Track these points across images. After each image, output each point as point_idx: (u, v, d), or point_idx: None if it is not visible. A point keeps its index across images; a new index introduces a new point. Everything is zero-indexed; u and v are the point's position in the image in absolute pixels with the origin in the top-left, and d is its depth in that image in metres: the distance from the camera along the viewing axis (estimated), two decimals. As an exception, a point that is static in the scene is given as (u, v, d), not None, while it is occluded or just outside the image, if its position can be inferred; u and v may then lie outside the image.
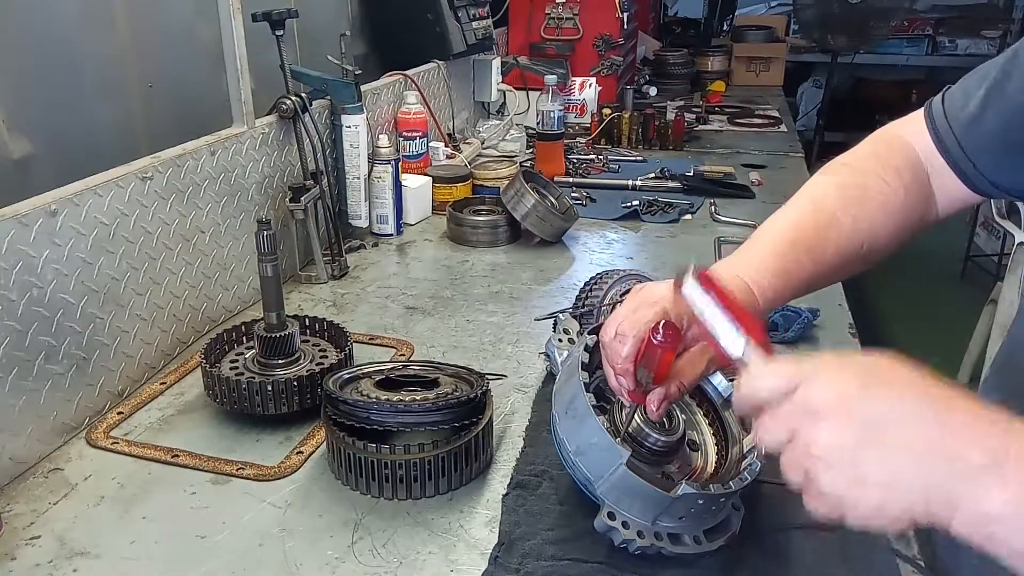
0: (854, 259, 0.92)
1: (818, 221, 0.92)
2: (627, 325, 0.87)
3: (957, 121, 0.90)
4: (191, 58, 1.74)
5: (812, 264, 0.90)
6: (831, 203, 0.92)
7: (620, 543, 0.92)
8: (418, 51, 2.47)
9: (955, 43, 6.62)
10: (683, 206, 2.22)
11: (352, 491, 1.08)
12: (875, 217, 0.91)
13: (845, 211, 0.91)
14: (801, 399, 0.58)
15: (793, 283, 0.90)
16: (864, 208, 0.91)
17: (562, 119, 2.46)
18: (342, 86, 1.84)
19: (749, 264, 0.91)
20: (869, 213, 0.91)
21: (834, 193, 0.94)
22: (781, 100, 3.96)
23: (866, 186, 0.93)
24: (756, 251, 0.93)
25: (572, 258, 1.93)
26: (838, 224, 0.91)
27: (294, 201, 1.70)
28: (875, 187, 0.92)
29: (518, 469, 1.12)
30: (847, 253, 0.92)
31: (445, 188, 2.20)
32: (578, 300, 1.45)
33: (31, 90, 1.39)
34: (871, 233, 0.92)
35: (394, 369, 1.22)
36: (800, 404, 0.58)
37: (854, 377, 0.57)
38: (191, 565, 0.96)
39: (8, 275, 1.08)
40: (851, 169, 0.96)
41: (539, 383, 1.35)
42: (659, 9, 5.17)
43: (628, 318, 0.88)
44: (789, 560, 0.97)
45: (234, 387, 1.19)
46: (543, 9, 3.22)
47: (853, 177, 0.94)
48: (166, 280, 1.40)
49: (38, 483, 1.10)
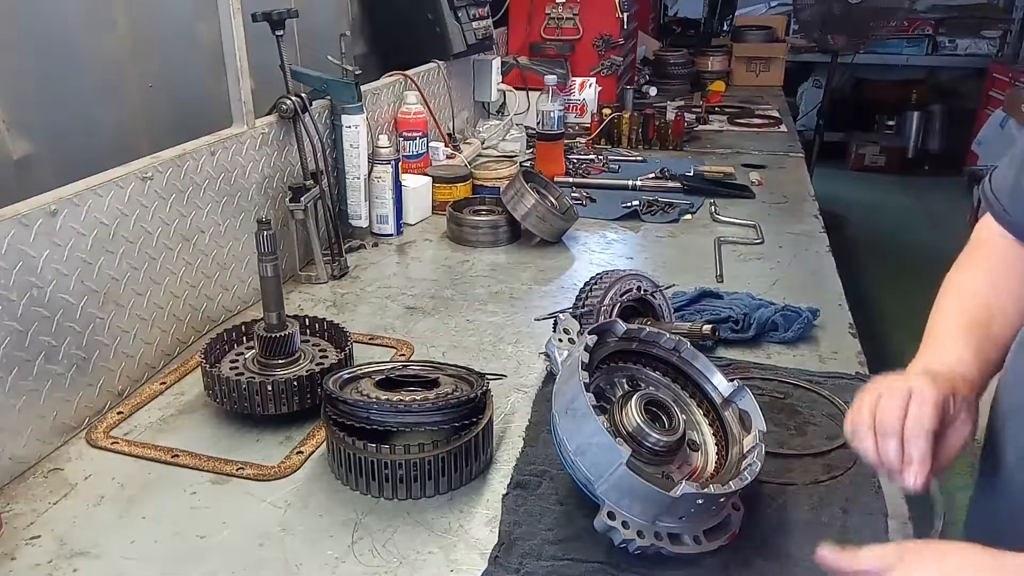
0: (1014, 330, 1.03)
1: (980, 311, 1.03)
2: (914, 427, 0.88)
3: (1002, 193, 1.05)
4: (191, 58, 1.74)
5: (991, 344, 1.01)
6: (980, 292, 1.05)
7: (620, 543, 0.92)
8: (418, 51, 2.47)
9: (955, 43, 6.63)
10: (683, 206, 2.22)
11: (352, 491, 1.08)
12: (1015, 290, 1.04)
13: (994, 296, 1.04)
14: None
15: (985, 366, 1.00)
16: (1005, 285, 1.05)
17: (562, 119, 2.46)
18: (342, 86, 1.84)
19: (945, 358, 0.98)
20: (1010, 288, 1.04)
21: (977, 282, 1.07)
22: (781, 100, 3.96)
23: (994, 268, 1.06)
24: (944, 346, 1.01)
25: (572, 258, 1.93)
26: (992, 308, 1.04)
27: (294, 201, 1.70)
28: (1000, 267, 1.06)
29: (518, 469, 1.12)
30: (1011, 326, 1.03)
31: (445, 188, 2.20)
32: (578, 300, 1.45)
33: (31, 90, 1.39)
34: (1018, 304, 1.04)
35: (394, 369, 1.22)
36: None
37: None
38: (191, 565, 0.96)
39: (8, 275, 1.08)
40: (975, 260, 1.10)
41: (539, 383, 1.35)
42: (659, 9, 5.17)
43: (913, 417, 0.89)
44: (789, 560, 0.97)
45: (234, 387, 1.19)
46: (543, 9, 3.22)
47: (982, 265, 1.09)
48: (166, 280, 1.40)
49: (38, 483, 1.10)
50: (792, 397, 1.30)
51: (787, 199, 2.35)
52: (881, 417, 0.88)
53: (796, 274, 1.81)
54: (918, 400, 0.87)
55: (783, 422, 1.24)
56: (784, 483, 1.09)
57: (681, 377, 1.13)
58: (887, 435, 0.87)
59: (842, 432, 1.20)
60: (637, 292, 1.42)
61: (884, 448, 0.87)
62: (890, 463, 0.87)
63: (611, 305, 1.39)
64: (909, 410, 0.87)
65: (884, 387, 0.91)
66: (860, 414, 0.91)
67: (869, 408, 0.90)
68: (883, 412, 0.88)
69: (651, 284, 1.45)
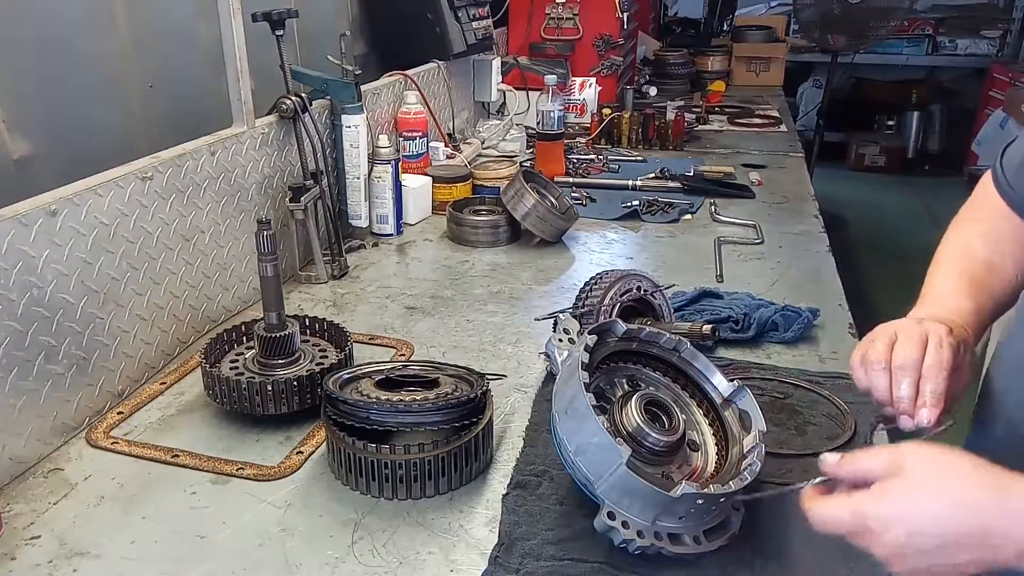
0: (1013, 290, 1.06)
1: (979, 265, 1.05)
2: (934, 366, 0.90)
3: (1010, 169, 1.06)
4: (191, 58, 1.74)
5: (992, 302, 1.03)
6: (981, 251, 1.07)
7: (620, 543, 0.92)
8: (418, 51, 2.47)
9: (955, 43, 6.63)
10: (683, 206, 2.22)
11: (352, 491, 1.08)
12: (1015, 253, 1.06)
13: (994, 254, 1.06)
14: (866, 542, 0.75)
15: (983, 318, 1.01)
16: (1006, 248, 1.06)
17: (562, 119, 2.46)
18: (342, 86, 1.84)
19: (946, 308, 1.00)
20: (1010, 251, 1.06)
21: (978, 242, 1.08)
22: (781, 100, 3.96)
23: (997, 231, 1.08)
24: (944, 297, 1.02)
25: (572, 258, 1.93)
26: (994, 265, 1.05)
27: (294, 201, 1.70)
28: (1003, 230, 1.07)
29: (518, 469, 1.12)
30: (1008, 288, 1.05)
31: (445, 188, 2.20)
32: (578, 300, 1.45)
33: (31, 90, 1.39)
34: (1017, 269, 1.06)
35: (394, 369, 1.22)
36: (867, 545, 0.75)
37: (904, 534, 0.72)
38: (191, 565, 0.96)
39: (8, 275, 1.08)
40: (977, 221, 1.11)
41: (539, 383, 1.35)
42: (659, 9, 5.16)
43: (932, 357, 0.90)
44: (789, 560, 0.97)
45: (234, 387, 1.19)
46: (543, 9, 3.22)
47: (982, 226, 1.10)
48: (166, 280, 1.40)
49: (38, 483, 1.10)
50: (792, 397, 1.31)
51: (787, 199, 2.35)
52: (898, 354, 0.89)
53: (796, 274, 1.81)
54: (936, 341, 0.89)
55: (783, 422, 1.24)
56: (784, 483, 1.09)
57: (681, 377, 1.13)
58: (904, 371, 0.88)
59: (843, 431, 1.20)
60: (637, 292, 1.42)
61: (899, 383, 0.88)
62: (902, 399, 0.88)
63: (611, 305, 1.39)
64: (928, 350, 0.88)
65: (899, 328, 0.91)
66: (874, 349, 0.91)
67: (885, 345, 0.90)
68: (901, 349, 0.89)
69: (651, 284, 1.45)
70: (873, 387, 0.91)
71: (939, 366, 0.87)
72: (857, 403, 1.26)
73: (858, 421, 1.23)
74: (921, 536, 0.72)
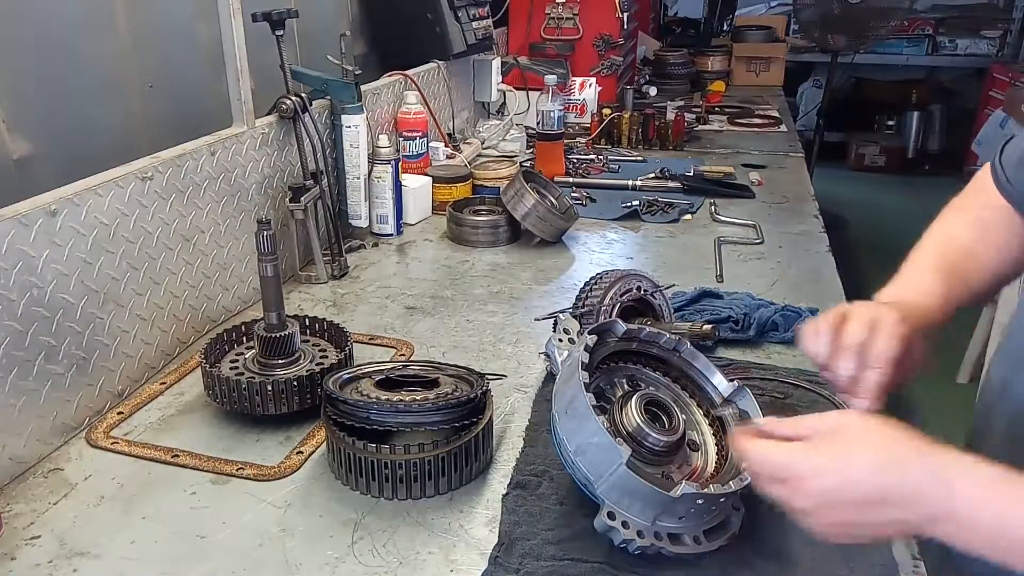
0: (992, 280, 1.07)
1: (959, 252, 1.07)
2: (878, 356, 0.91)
3: (1009, 165, 1.06)
4: (191, 58, 1.74)
5: (965, 287, 1.04)
6: (964, 236, 1.08)
7: (620, 543, 0.92)
8: (418, 51, 2.47)
9: (955, 43, 6.62)
10: (683, 206, 2.22)
11: (352, 491, 1.08)
12: (1001, 244, 1.07)
13: (977, 242, 1.07)
14: (792, 494, 0.77)
15: (952, 304, 1.02)
16: (992, 238, 1.07)
17: (562, 119, 2.46)
18: (342, 86, 1.84)
19: (917, 290, 1.02)
20: (996, 242, 1.07)
21: (964, 230, 1.09)
22: (781, 100, 3.96)
23: (986, 220, 1.08)
24: (916, 279, 1.04)
25: (572, 258, 1.93)
26: (974, 253, 1.06)
27: (294, 201, 1.70)
28: (993, 220, 1.08)
29: (518, 469, 1.12)
30: (986, 278, 1.06)
31: (445, 188, 2.20)
32: (578, 300, 1.45)
33: (31, 90, 1.39)
34: (1000, 258, 1.07)
35: (394, 369, 1.22)
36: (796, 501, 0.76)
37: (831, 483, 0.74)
38: (191, 565, 0.96)
39: (8, 275, 1.08)
40: (967, 209, 1.12)
41: (539, 383, 1.35)
42: (659, 9, 5.16)
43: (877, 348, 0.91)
44: (789, 560, 0.97)
45: (234, 387, 1.19)
46: (543, 9, 3.22)
47: (972, 215, 1.10)
48: (166, 280, 1.40)
49: (38, 483, 1.10)
50: (792, 397, 1.30)
51: (787, 199, 2.35)
52: (848, 332, 0.91)
53: (796, 274, 1.81)
54: (887, 331, 0.90)
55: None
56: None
57: (681, 377, 1.13)
58: (848, 354, 0.90)
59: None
60: (637, 292, 1.42)
61: (841, 364, 0.90)
62: (842, 376, 0.90)
63: (611, 305, 1.39)
64: (876, 339, 0.90)
65: (855, 310, 0.93)
66: (826, 323, 0.93)
67: (834, 323, 0.92)
68: (849, 332, 0.91)
69: (651, 284, 1.45)
70: (818, 354, 0.93)
71: (883, 356, 0.89)
72: (857, 403, 1.26)
73: (858, 421, 1.23)
74: (851, 486, 0.73)
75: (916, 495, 0.72)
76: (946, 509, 0.71)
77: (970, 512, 0.71)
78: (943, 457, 0.73)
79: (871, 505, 0.73)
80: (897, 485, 0.72)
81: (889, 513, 0.73)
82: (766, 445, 0.80)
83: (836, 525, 0.76)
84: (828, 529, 0.76)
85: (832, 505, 0.74)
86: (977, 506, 0.71)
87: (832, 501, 0.74)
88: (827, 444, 0.77)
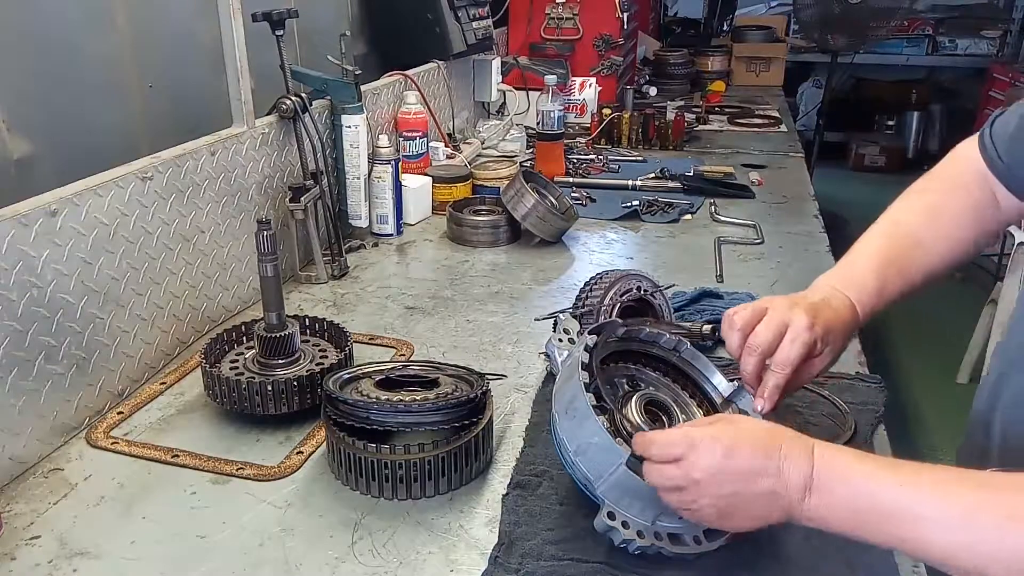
0: (939, 268, 1.08)
1: (904, 240, 1.07)
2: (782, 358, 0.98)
3: (1000, 139, 1.05)
4: (191, 58, 1.74)
5: (902, 279, 1.05)
6: (913, 223, 1.09)
7: (620, 543, 0.92)
8: (418, 51, 2.47)
9: (955, 43, 6.62)
10: (683, 206, 2.22)
11: (352, 491, 1.08)
12: (951, 232, 1.07)
13: (926, 229, 1.07)
14: (688, 469, 0.82)
15: (886, 297, 1.05)
16: (941, 224, 1.08)
17: (562, 119, 2.46)
18: (342, 86, 1.84)
19: (851, 281, 1.05)
20: (946, 229, 1.07)
21: (914, 215, 1.10)
22: (781, 100, 3.96)
23: (941, 204, 1.09)
24: (854, 269, 1.07)
25: (572, 258, 1.93)
26: (921, 241, 1.07)
27: (294, 201, 1.70)
28: (948, 204, 1.08)
29: (518, 469, 1.12)
30: (931, 265, 1.07)
31: (445, 188, 2.20)
32: (578, 300, 1.45)
33: (31, 90, 1.39)
34: (949, 246, 1.08)
35: (394, 369, 1.22)
36: (687, 472, 0.82)
37: (721, 452, 0.81)
38: (191, 565, 0.96)
39: (8, 275, 1.08)
40: (926, 191, 1.12)
41: (539, 383, 1.35)
42: (659, 9, 5.16)
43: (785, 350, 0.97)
44: (789, 560, 0.97)
45: (234, 387, 1.19)
46: (543, 9, 3.22)
47: (929, 198, 1.11)
48: (166, 280, 1.40)
49: (38, 483, 1.10)
50: (792, 397, 1.30)
51: (787, 199, 2.35)
52: (757, 332, 0.97)
53: (796, 274, 1.81)
54: (791, 335, 0.96)
55: (783, 422, 1.23)
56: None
57: (681, 377, 1.13)
58: (753, 352, 0.97)
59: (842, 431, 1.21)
60: (637, 292, 1.42)
61: (746, 362, 0.98)
62: (745, 372, 0.98)
63: (611, 305, 1.39)
64: (782, 342, 0.96)
65: (772, 308, 0.98)
66: (741, 314, 0.99)
67: (752, 316, 0.98)
68: (759, 333, 0.97)
69: (651, 284, 1.45)
70: (729, 346, 1.00)
71: (786, 362, 0.95)
72: (857, 403, 1.27)
73: (858, 421, 1.23)
74: (735, 458, 0.80)
75: (788, 463, 0.78)
76: (810, 475, 0.77)
77: (830, 480, 0.77)
78: (817, 440, 0.81)
79: (752, 475, 0.79)
80: (775, 456, 0.79)
81: (765, 483, 0.79)
82: (665, 430, 0.90)
83: (722, 498, 0.81)
84: (714, 504, 0.82)
85: (720, 473, 0.80)
86: (837, 475, 0.77)
87: (721, 469, 0.80)
88: (720, 424, 0.85)
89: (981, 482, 0.74)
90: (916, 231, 1.08)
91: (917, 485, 0.74)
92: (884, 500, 0.74)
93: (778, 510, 0.80)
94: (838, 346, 1.01)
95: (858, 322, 1.03)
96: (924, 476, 0.75)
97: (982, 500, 0.71)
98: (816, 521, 0.78)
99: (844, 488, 0.77)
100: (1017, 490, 0.71)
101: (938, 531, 0.71)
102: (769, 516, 0.81)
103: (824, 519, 0.78)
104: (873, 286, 1.04)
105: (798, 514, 0.79)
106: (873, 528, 0.75)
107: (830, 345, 0.99)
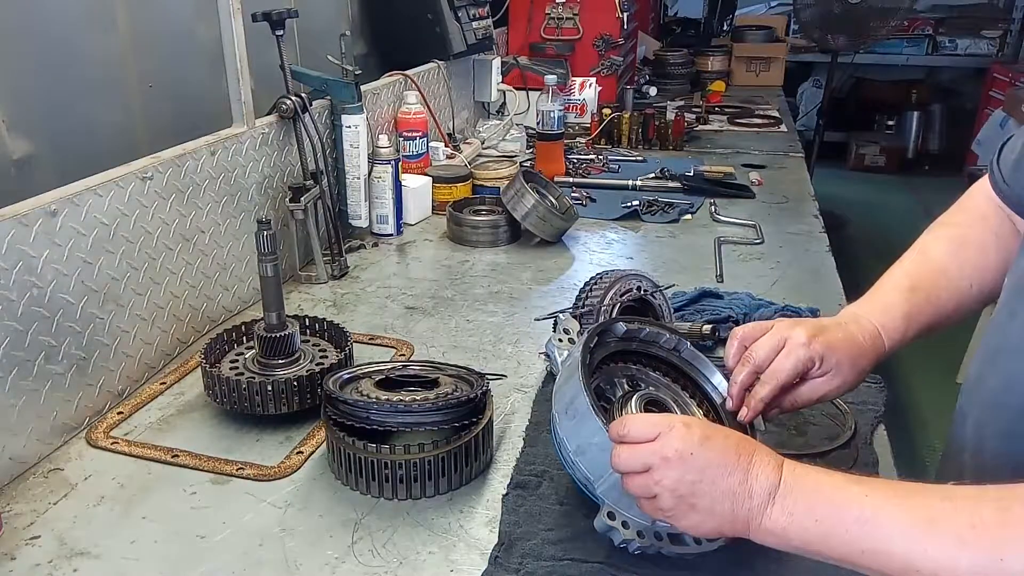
0: (967, 299, 1.08)
1: (932, 270, 1.09)
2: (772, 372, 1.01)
3: (1006, 165, 1.05)
4: (191, 58, 1.74)
5: (931, 308, 1.06)
6: (940, 254, 1.10)
7: (620, 543, 0.92)
8: (418, 51, 2.47)
9: (955, 43, 6.62)
10: (683, 206, 2.22)
11: (352, 491, 1.08)
12: (977, 260, 1.08)
13: (952, 258, 1.09)
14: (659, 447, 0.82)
15: (916, 324, 1.05)
16: (967, 255, 1.09)
17: (562, 119, 2.46)
18: (342, 86, 1.84)
19: (876, 307, 1.06)
20: (971, 259, 1.09)
21: (940, 246, 1.11)
22: (781, 100, 3.96)
23: (965, 235, 1.11)
24: (882, 298, 1.08)
25: (572, 258, 1.93)
26: (946, 270, 1.08)
27: (294, 201, 1.70)
28: (972, 235, 1.10)
29: (518, 469, 1.12)
30: (961, 293, 1.08)
31: (445, 188, 2.20)
32: (578, 300, 1.45)
33: (31, 90, 1.39)
34: (975, 276, 1.08)
35: (394, 369, 1.22)
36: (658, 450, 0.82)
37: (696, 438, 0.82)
38: (191, 565, 0.96)
39: (8, 275, 1.08)
40: (950, 224, 1.14)
41: (539, 383, 1.35)
42: (659, 9, 5.16)
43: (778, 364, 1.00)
44: (789, 560, 0.96)
45: (234, 387, 1.19)
46: (543, 9, 3.22)
47: (952, 231, 1.13)
48: (166, 280, 1.40)
49: (38, 483, 1.10)
50: (792, 397, 1.30)
51: (787, 199, 2.35)
52: (756, 346, 1.01)
53: (796, 274, 1.81)
54: (787, 349, 0.99)
55: (783, 422, 1.23)
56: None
57: (681, 377, 1.13)
58: (746, 363, 1.01)
59: (843, 431, 1.21)
60: (637, 292, 1.42)
61: (737, 371, 1.01)
62: (734, 383, 1.02)
63: (611, 305, 1.39)
64: (776, 358, 0.99)
65: (777, 325, 1.02)
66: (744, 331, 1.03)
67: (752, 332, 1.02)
68: (755, 348, 1.01)
69: (651, 284, 1.45)
70: (727, 358, 1.04)
71: (773, 377, 0.98)
72: (857, 403, 1.26)
73: (858, 421, 1.23)
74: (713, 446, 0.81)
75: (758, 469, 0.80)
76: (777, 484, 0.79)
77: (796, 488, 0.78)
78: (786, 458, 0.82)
79: (721, 468, 0.81)
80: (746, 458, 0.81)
81: (731, 480, 0.80)
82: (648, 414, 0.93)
83: (684, 483, 0.81)
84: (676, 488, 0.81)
85: (691, 457, 0.81)
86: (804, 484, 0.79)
87: (693, 453, 0.81)
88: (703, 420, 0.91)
89: (945, 495, 0.74)
90: (942, 259, 1.09)
91: (883, 496, 0.75)
92: (849, 508, 0.74)
93: (736, 518, 0.80)
94: (846, 369, 1.00)
95: (882, 348, 1.03)
96: (889, 488, 0.77)
97: (945, 510, 0.71)
98: (775, 533, 0.79)
99: (809, 496, 0.78)
100: (978, 500, 0.71)
101: (899, 540, 0.71)
102: (724, 519, 0.81)
103: (784, 530, 0.78)
104: (899, 311, 1.04)
105: (756, 525, 0.79)
106: (834, 540, 0.75)
107: (835, 368, 0.99)
